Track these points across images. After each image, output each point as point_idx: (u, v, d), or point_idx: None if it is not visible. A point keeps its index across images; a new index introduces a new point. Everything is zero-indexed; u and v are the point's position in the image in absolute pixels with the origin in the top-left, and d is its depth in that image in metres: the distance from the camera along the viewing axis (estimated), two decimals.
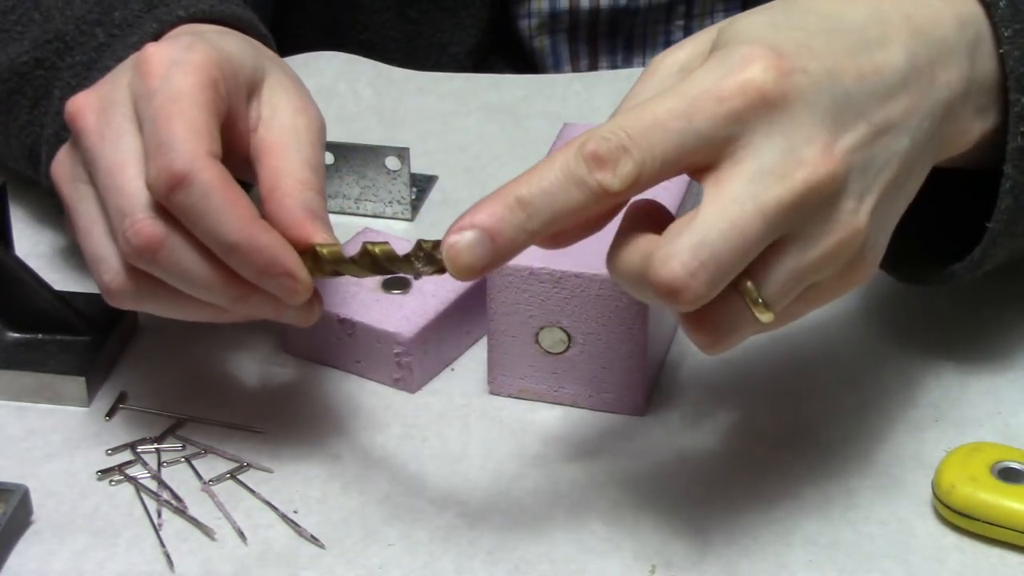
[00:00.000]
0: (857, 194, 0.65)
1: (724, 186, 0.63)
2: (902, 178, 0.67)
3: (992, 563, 0.70)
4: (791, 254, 0.65)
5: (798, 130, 0.64)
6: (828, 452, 0.76)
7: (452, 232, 0.64)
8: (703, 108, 0.63)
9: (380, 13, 1.11)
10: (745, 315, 0.65)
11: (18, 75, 0.85)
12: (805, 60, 0.65)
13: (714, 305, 0.64)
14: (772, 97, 0.63)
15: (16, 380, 0.79)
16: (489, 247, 0.64)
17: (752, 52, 0.64)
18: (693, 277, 0.63)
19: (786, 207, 0.63)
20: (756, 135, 0.64)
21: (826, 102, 0.65)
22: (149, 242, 0.69)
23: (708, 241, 0.63)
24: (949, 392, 0.79)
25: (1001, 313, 0.84)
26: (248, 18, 0.80)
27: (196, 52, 0.71)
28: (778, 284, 0.65)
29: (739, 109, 0.63)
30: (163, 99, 0.70)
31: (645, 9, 1.10)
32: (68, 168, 0.74)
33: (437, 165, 0.97)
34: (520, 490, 0.75)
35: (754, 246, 0.64)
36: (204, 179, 0.68)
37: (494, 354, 0.79)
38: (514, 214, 0.64)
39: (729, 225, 0.63)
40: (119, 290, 0.71)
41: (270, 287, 0.69)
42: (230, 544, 0.72)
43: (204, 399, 0.80)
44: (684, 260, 0.63)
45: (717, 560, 0.71)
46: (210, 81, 0.71)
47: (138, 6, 0.82)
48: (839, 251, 0.65)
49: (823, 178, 0.64)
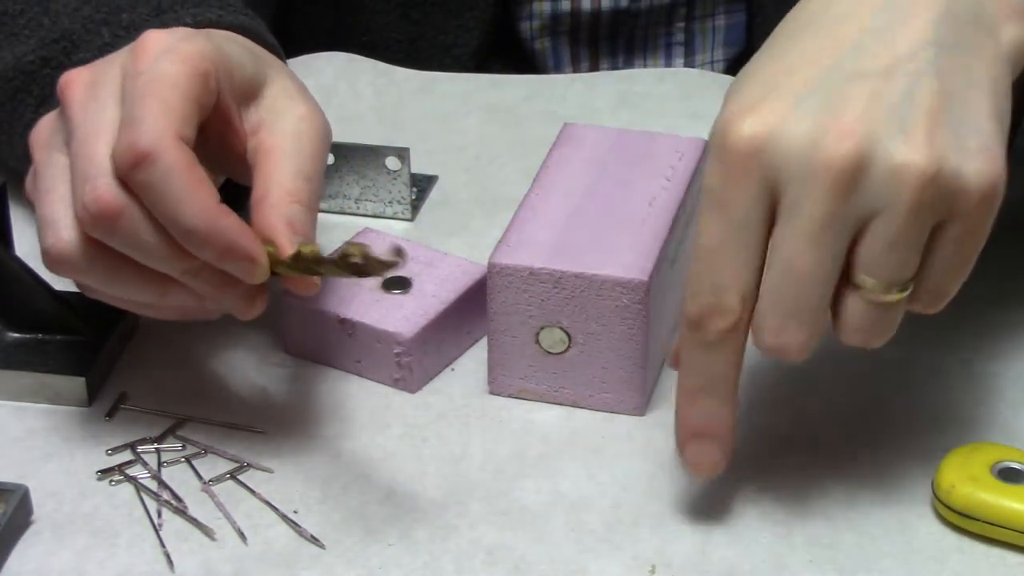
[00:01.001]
0: (899, 137, 0.64)
1: (774, 237, 0.66)
2: (951, 85, 0.66)
3: (992, 563, 0.70)
4: (878, 229, 0.65)
5: (799, 143, 0.64)
6: (828, 452, 0.76)
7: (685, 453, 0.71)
8: (725, 201, 0.66)
9: (382, 15, 1.11)
10: (879, 307, 0.67)
11: (24, 74, 0.85)
12: (768, 87, 0.66)
13: (849, 310, 0.67)
14: (760, 142, 0.65)
15: (16, 380, 0.79)
16: (710, 444, 0.71)
17: (726, 121, 0.66)
18: (786, 334, 0.67)
19: (827, 218, 0.64)
20: (778, 180, 0.65)
21: (811, 98, 0.65)
22: (107, 208, 0.69)
23: (779, 296, 0.66)
24: (949, 392, 0.79)
25: (1001, 313, 0.84)
26: (256, 28, 0.80)
27: (191, 43, 0.72)
28: (885, 260, 0.65)
29: (750, 175, 0.65)
30: (145, 79, 0.70)
31: (646, 11, 1.10)
32: (46, 135, 0.74)
33: (437, 165, 0.97)
34: (520, 490, 0.75)
35: (822, 271, 0.65)
36: (168, 159, 0.68)
37: (494, 354, 0.79)
38: (694, 405, 0.70)
39: (785, 271, 0.66)
40: (62, 254, 0.71)
41: (230, 268, 0.70)
42: (230, 544, 0.72)
43: (204, 399, 0.80)
44: (770, 326, 0.67)
45: (717, 560, 0.71)
46: (197, 71, 0.71)
47: (146, 11, 0.82)
48: (922, 196, 0.64)
49: (843, 162, 0.64)
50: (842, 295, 0.67)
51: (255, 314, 0.72)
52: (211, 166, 0.72)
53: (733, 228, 0.66)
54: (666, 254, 0.78)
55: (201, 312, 0.75)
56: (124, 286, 0.72)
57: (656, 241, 0.78)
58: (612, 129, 0.87)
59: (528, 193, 0.82)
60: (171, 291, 0.72)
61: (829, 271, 0.66)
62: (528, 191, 0.82)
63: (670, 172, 0.83)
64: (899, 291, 0.66)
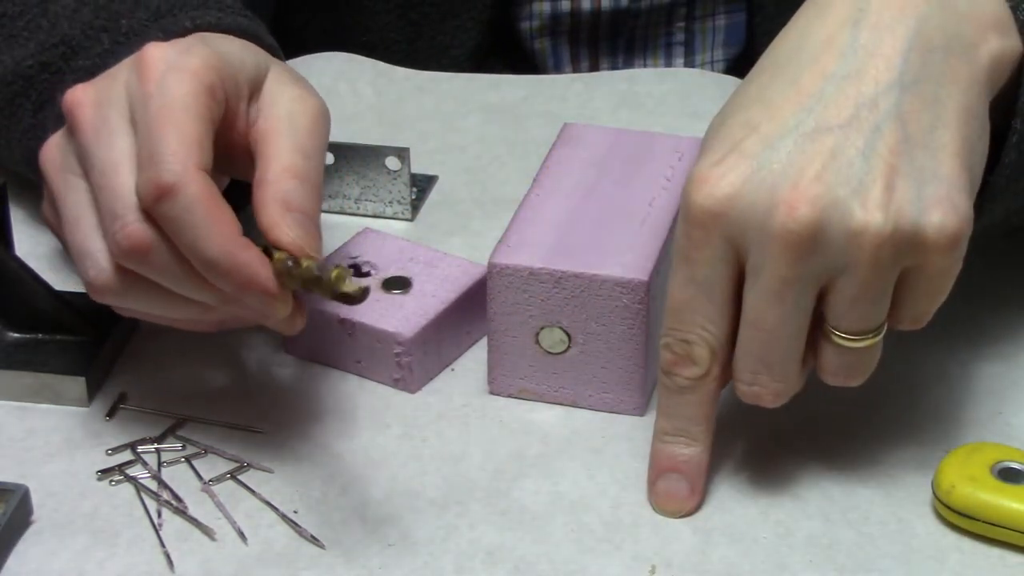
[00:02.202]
0: (854, 200, 0.65)
1: (744, 293, 0.68)
2: (914, 126, 0.67)
3: (992, 563, 0.70)
4: (842, 287, 0.67)
5: (756, 212, 0.66)
6: (828, 452, 0.76)
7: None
8: (690, 259, 0.68)
9: (381, 15, 1.11)
10: (852, 354, 0.69)
11: (23, 78, 0.85)
12: (727, 155, 0.68)
13: (826, 358, 0.70)
14: (720, 207, 0.67)
15: (16, 380, 0.79)
16: (678, 482, 0.73)
17: (692, 182, 0.68)
18: (758, 383, 0.70)
19: (787, 279, 0.67)
20: (741, 241, 0.67)
21: (770, 160, 0.66)
22: (137, 245, 0.70)
23: (749, 348, 0.69)
24: (949, 392, 0.79)
25: (1001, 313, 0.84)
26: (255, 29, 0.80)
27: (193, 56, 0.72)
28: (852, 315, 0.68)
29: (712, 238, 0.67)
30: (157, 106, 0.71)
31: (646, 11, 1.10)
32: (60, 157, 0.74)
33: (437, 165, 0.97)
34: (520, 490, 0.75)
35: (789, 324, 0.68)
36: (190, 192, 0.69)
37: (494, 354, 0.79)
38: (666, 444, 0.73)
39: (753, 325, 0.68)
40: (104, 286, 0.72)
41: (248, 300, 0.70)
42: (230, 544, 0.72)
43: (204, 399, 0.80)
44: (744, 379, 0.70)
45: (717, 560, 0.71)
46: (205, 88, 0.71)
47: (145, 16, 0.82)
48: (880, 255, 0.66)
49: (797, 231, 0.66)
50: (818, 343, 0.70)
51: (298, 329, 0.73)
52: (217, 168, 0.72)
53: (699, 286, 0.69)
54: (666, 254, 0.78)
55: (241, 323, 0.76)
56: (164, 308, 0.73)
57: (656, 241, 0.78)
58: (612, 129, 0.87)
59: (528, 193, 0.82)
60: (210, 311, 0.73)
61: (796, 326, 0.68)
62: (528, 191, 0.82)
63: (670, 172, 0.83)
64: (871, 337, 0.69)
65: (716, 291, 0.69)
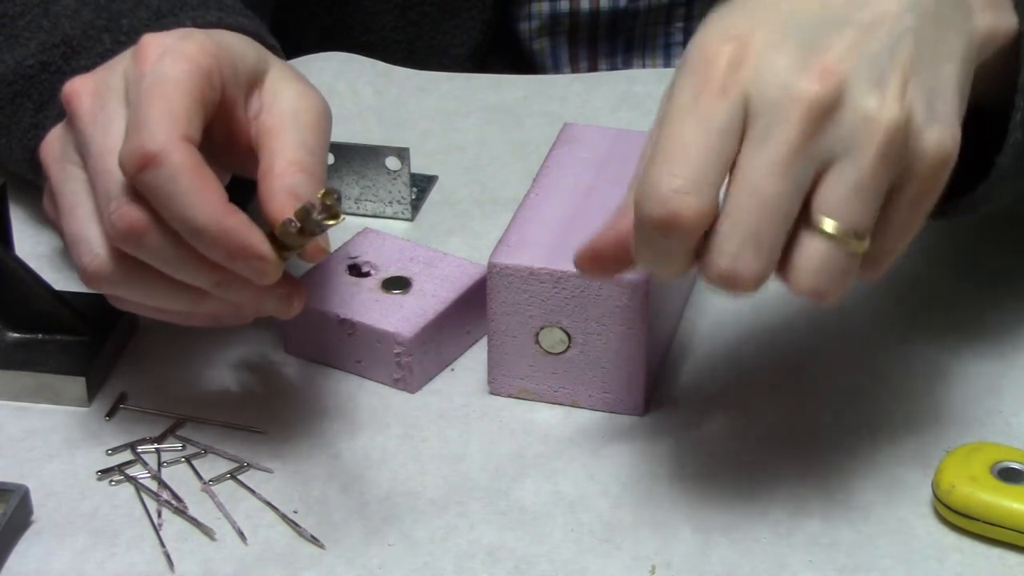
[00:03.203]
0: (873, 87, 0.65)
1: (739, 163, 0.65)
2: (927, 51, 0.67)
3: (992, 563, 0.70)
4: (843, 172, 0.65)
5: (779, 73, 0.65)
6: (828, 452, 0.76)
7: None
8: (707, 111, 0.65)
9: (381, 15, 1.11)
10: (835, 254, 0.66)
11: (23, 78, 0.85)
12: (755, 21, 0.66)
13: (805, 254, 0.66)
14: (743, 62, 0.65)
15: (16, 380, 0.79)
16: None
17: (711, 40, 0.66)
18: (741, 260, 0.65)
19: (796, 147, 0.64)
20: (751, 103, 0.65)
21: (796, 36, 0.65)
22: (133, 226, 0.69)
23: (741, 219, 0.65)
24: (950, 392, 0.79)
25: (1001, 313, 0.84)
26: (255, 29, 0.80)
27: (191, 42, 0.72)
28: (847, 204, 0.65)
29: (729, 91, 0.65)
30: (148, 83, 0.70)
31: (645, 11, 1.10)
32: (58, 148, 0.74)
33: (437, 165, 0.97)
34: (520, 490, 0.75)
35: (786, 201, 0.65)
36: (174, 161, 0.68)
37: (494, 354, 0.79)
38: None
39: (750, 194, 0.65)
40: (98, 272, 0.72)
41: (240, 269, 0.70)
42: (230, 544, 0.72)
43: (204, 399, 0.80)
44: (727, 250, 0.65)
45: (717, 560, 0.71)
46: (200, 70, 0.71)
47: (146, 15, 0.82)
48: (889, 145, 0.65)
49: (818, 97, 0.64)
50: (799, 238, 0.66)
51: (296, 311, 0.73)
52: (218, 163, 0.72)
53: (712, 134, 0.65)
54: None
55: (236, 318, 0.75)
56: (158, 296, 0.73)
57: None
58: (612, 129, 0.87)
59: (528, 193, 0.82)
60: (205, 299, 0.72)
61: (792, 202, 0.65)
62: (528, 191, 0.82)
63: None
64: (857, 240, 0.66)
65: (727, 142, 0.65)
